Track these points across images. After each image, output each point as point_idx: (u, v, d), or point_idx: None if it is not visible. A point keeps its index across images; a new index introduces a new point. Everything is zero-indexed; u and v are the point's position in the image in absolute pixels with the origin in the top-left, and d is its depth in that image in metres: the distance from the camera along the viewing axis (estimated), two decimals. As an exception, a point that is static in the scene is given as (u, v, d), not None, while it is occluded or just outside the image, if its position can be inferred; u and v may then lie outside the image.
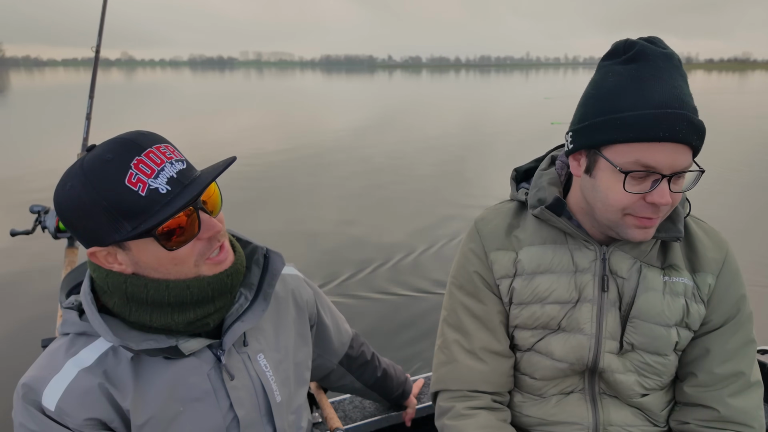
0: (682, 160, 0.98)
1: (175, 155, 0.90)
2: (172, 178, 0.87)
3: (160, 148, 0.88)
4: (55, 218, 1.73)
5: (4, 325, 3.98)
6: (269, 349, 1.11)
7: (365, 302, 4.32)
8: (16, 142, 12.63)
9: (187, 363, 0.98)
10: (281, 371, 1.12)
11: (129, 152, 0.85)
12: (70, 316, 0.97)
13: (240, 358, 1.06)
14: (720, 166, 9.09)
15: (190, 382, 0.99)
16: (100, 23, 2.01)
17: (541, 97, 27.56)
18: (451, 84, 55.82)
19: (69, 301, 1.01)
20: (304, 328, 1.22)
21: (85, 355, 0.94)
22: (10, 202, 7.12)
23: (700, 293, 1.15)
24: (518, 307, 1.19)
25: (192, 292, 0.94)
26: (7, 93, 38.66)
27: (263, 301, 1.06)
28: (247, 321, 1.03)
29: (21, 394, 0.92)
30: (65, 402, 0.90)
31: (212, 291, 0.96)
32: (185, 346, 0.95)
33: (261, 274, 1.09)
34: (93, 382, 0.92)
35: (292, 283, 1.22)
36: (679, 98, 0.97)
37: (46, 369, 0.93)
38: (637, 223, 1.04)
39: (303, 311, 1.22)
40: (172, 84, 58.17)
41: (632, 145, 0.98)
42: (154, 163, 0.86)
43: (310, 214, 6.78)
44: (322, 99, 32.09)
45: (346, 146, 11.97)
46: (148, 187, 0.85)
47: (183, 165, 0.90)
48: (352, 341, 1.41)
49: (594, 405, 1.20)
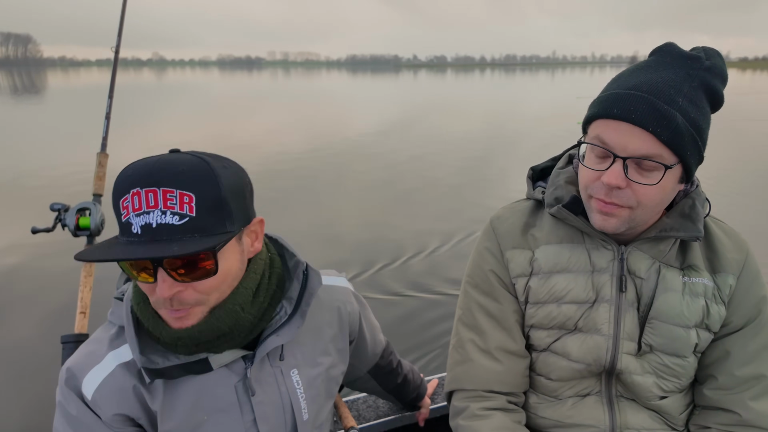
0: (637, 144, 0.97)
1: (176, 208, 0.82)
2: (148, 226, 0.82)
3: (167, 192, 0.82)
4: (74, 216, 1.75)
5: (25, 321, 4.06)
6: (304, 365, 1.09)
7: (379, 303, 4.31)
8: (43, 142, 12.89)
9: (217, 372, 0.98)
10: (313, 388, 1.10)
11: (139, 180, 0.83)
12: (118, 308, 0.99)
13: (272, 372, 1.04)
14: (746, 170, 8.85)
15: (217, 392, 0.98)
16: (120, 24, 2.04)
17: (573, 97, 27.23)
18: (476, 83, 55.52)
19: (121, 290, 1.02)
20: (343, 343, 1.20)
21: (125, 351, 0.96)
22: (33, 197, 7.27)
23: (720, 294, 1.13)
24: (534, 306, 1.18)
25: (182, 339, 0.91)
26: (44, 92, 39.68)
27: (300, 317, 1.04)
28: (282, 335, 1.01)
29: (65, 378, 0.95)
30: (100, 394, 0.93)
31: (192, 341, 0.92)
32: (215, 359, 0.96)
33: (300, 289, 1.06)
34: (128, 382, 0.94)
35: (341, 298, 1.19)
36: (655, 85, 0.97)
37: (89, 357, 0.96)
38: (598, 207, 1.05)
39: (345, 327, 1.19)
40: (201, 83, 59.00)
41: (597, 122, 1.02)
42: (146, 203, 0.82)
43: (332, 212, 6.79)
44: (346, 99, 32.17)
45: (369, 146, 11.96)
46: (128, 218, 0.83)
47: (176, 219, 0.82)
48: (383, 351, 1.40)
49: (611, 407, 1.18)
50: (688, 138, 0.97)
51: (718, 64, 1.01)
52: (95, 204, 1.82)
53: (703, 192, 1.15)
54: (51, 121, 17.92)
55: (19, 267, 5.08)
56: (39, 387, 3.19)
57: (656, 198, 1.02)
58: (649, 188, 1.00)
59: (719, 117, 1.08)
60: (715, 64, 1.00)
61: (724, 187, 7.54)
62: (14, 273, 4.95)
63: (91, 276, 1.79)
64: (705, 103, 1.00)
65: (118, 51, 2.05)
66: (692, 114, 0.97)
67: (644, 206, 1.02)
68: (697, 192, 1.13)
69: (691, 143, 0.98)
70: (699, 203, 1.12)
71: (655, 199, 1.02)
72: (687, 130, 0.97)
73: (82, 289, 1.74)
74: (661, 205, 1.06)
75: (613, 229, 1.05)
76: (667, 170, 0.98)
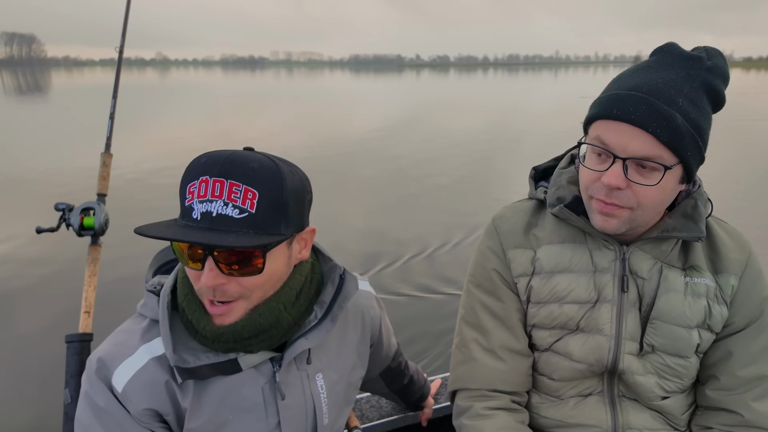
0: (637, 145, 0.97)
1: (239, 201, 0.85)
2: (208, 214, 0.85)
3: (233, 185, 0.85)
4: (79, 216, 1.75)
5: (30, 321, 4.07)
6: (329, 369, 1.10)
7: (384, 302, 4.32)
8: (48, 141, 12.93)
9: (245, 372, 0.98)
10: (335, 393, 1.11)
11: (210, 168, 0.85)
12: (150, 301, 0.99)
13: (299, 375, 1.04)
14: (749, 171, 8.82)
15: (243, 392, 0.98)
16: (124, 24, 2.05)
17: (576, 96, 27.15)
18: (479, 83, 55.41)
19: (152, 282, 1.02)
20: (364, 348, 1.21)
21: (158, 345, 0.95)
22: (39, 196, 7.30)
23: (723, 294, 1.13)
24: (536, 306, 1.18)
25: (224, 335, 0.92)
26: (48, 91, 39.79)
27: (330, 321, 1.03)
28: (311, 339, 1.01)
29: (95, 368, 0.93)
30: (131, 387, 0.92)
31: (234, 336, 0.93)
32: (245, 359, 0.96)
33: (334, 293, 1.06)
34: (160, 377, 0.94)
35: (364, 302, 1.20)
36: (655, 86, 0.97)
37: (121, 348, 0.95)
38: (599, 208, 1.05)
39: (367, 332, 1.20)
40: (204, 83, 59.08)
41: (597, 122, 1.02)
42: (212, 192, 0.85)
43: (334, 211, 6.79)
44: (349, 98, 32.17)
45: (371, 146, 11.97)
46: (191, 202, 0.86)
47: (236, 212, 0.85)
48: (395, 354, 1.40)
49: (613, 407, 1.18)
50: (689, 138, 0.97)
51: (720, 64, 1.01)
52: (99, 204, 1.82)
53: (705, 192, 1.15)
54: (55, 121, 17.98)
55: (24, 266, 5.10)
56: (43, 386, 3.20)
57: (656, 199, 1.02)
58: (650, 189, 1.00)
59: (725, 117, 1.08)
60: (716, 64, 1.00)
61: (727, 187, 7.52)
62: (19, 272, 4.97)
63: (95, 276, 1.79)
64: (706, 104, 1.00)
65: (122, 51, 2.06)
66: (693, 114, 0.97)
67: (644, 207, 1.02)
68: (699, 192, 1.13)
69: (692, 144, 0.98)
70: (701, 203, 1.12)
71: (656, 199, 1.02)
72: (687, 131, 0.97)
73: (86, 289, 1.75)
74: (661, 206, 1.05)
75: (614, 230, 1.05)
76: (667, 171, 0.98)
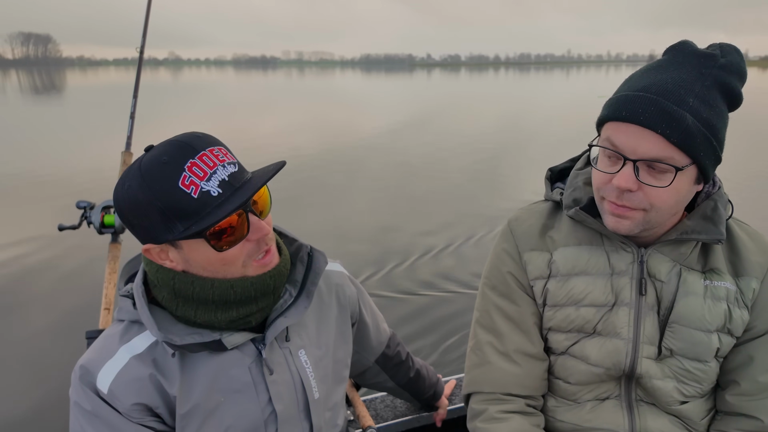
0: (647, 147, 0.95)
1: (227, 158, 0.92)
2: (223, 181, 0.89)
3: (213, 150, 0.90)
4: (99, 214, 1.78)
5: (51, 317, 4.13)
6: (311, 345, 1.13)
7: (393, 302, 4.31)
8: (65, 140, 13.10)
9: (230, 355, 1.01)
10: (321, 368, 1.14)
11: (184, 155, 0.88)
12: (125, 304, 1.02)
13: (282, 353, 1.07)
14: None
15: (232, 373, 1.01)
16: (144, 24, 2.07)
17: (591, 96, 26.91)
18: (491, 82, 55.13)
19: (125, 288, 1.05)
20: (345, 325, 1.23)
21: (137, 343, 0.99)
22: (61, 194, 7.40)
23: (743, 298, 1.11)
24: (552, 309, 1.17)
25: (236, 291, 0.96)
26: (64, 91, 40.22)
27: (306, 298, 1.08)
28: (290, 317, 1.05)
29: (78, 375, 0.97)
30: (116, 386, 0.95)
31: (255, 291, 0.98)
32: (229, 340, 0.99)
33: (305, 271, 1.11)
34: (143, 371, 0.97)
35: (337, 280, 1.23)
36: (664, 86, 0.96)
37: (102, 353, 0.98)
38: (611, 210, 1.04)
39: (345, 309, 1.23)
40: (217, 82, 59.39)
41: (608, 124, 1.01)
42: (207, 166, 0.88)
43: (342, 211, 6.81)
44: (360, 98, 32.17)
45: (381, 146, 11.96)
46: (200, 189, 0.87)
47: (235, 168, 0.92)
48: (389, 341, 1.43)
49: (630, 412, 1.17)
50: (701, 138, 0.95)
51: (735, 61, 0.98)
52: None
53: (726, 194, 1.13)
54: (75, 120, 18.23)
55: (46, 263, 5.17)
56: (63, 381, 3.24)
57: (670, 200, 1.00)
58: (662, 191, 0.98)
59: (743, 117, 1.06)
60: (730, 62, 0.98)
61: (750, 188, 7.39)
62: (40, 269, 5.04)
63: (116, 273, 1.81)
64: (720, 102, 0.98)
65: (142, 51, 2.08)
66: (704, 114, 0.95)
67: (658, 209, 1.01)
68: (719, 194, 1.11)
69: (705, 144, 0.96)
70: (721, 205, 1.10)
71: (669, 201, 1.00)
72: (699, 131, 0.95)
73: (106, 286, 1.77)
74: (676, 207, 1.04)
75: (627, 231, 1.04)
76: (679, 172, 0.97)
